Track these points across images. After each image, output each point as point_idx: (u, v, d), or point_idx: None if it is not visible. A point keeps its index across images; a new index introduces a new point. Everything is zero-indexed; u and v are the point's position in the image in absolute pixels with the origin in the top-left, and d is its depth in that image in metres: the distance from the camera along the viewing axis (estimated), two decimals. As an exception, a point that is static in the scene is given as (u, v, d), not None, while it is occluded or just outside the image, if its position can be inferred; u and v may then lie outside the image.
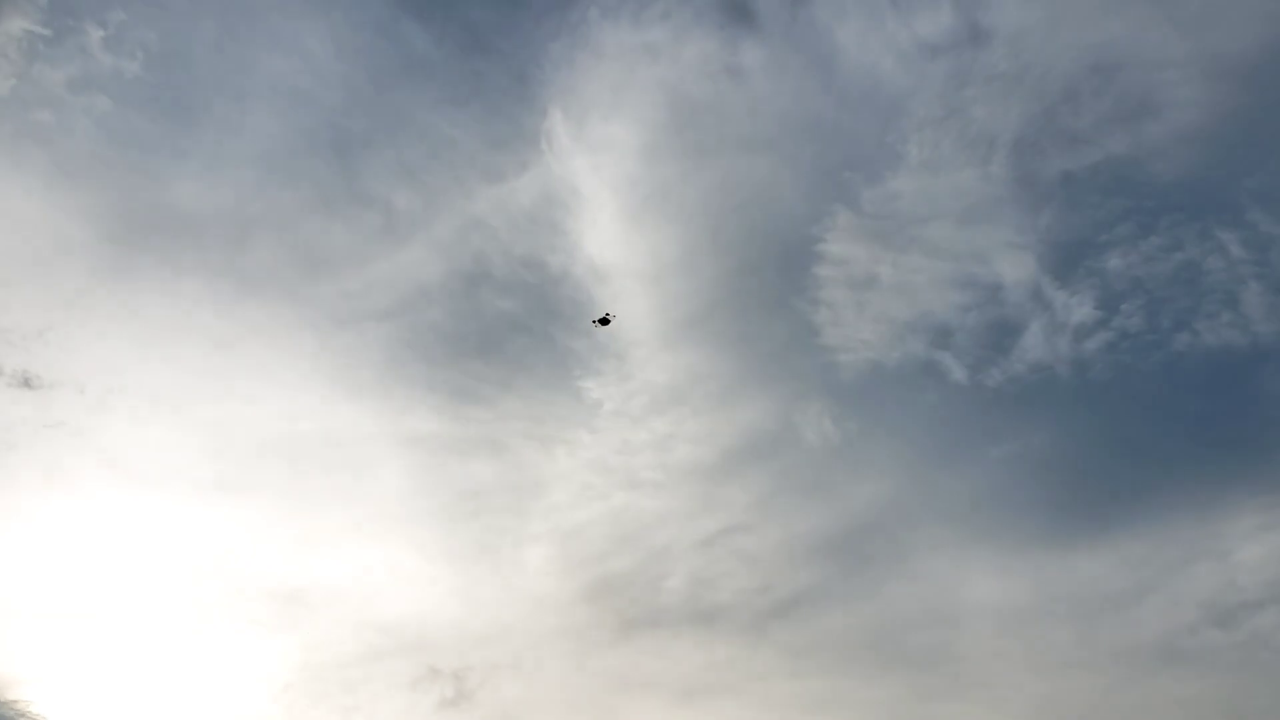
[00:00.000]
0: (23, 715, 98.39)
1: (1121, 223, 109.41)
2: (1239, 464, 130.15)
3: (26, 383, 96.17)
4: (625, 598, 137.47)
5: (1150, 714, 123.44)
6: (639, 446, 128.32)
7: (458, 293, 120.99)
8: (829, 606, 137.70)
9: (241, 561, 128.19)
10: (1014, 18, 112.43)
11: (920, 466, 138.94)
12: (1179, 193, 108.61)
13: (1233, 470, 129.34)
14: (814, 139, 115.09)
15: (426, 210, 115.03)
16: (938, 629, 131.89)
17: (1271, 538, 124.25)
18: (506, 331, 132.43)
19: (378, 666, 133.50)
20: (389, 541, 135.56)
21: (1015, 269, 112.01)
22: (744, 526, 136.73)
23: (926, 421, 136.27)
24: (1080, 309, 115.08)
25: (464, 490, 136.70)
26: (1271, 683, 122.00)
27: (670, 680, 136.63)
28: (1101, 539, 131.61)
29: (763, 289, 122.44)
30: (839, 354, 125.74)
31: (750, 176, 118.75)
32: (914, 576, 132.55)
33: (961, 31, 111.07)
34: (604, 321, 41.57)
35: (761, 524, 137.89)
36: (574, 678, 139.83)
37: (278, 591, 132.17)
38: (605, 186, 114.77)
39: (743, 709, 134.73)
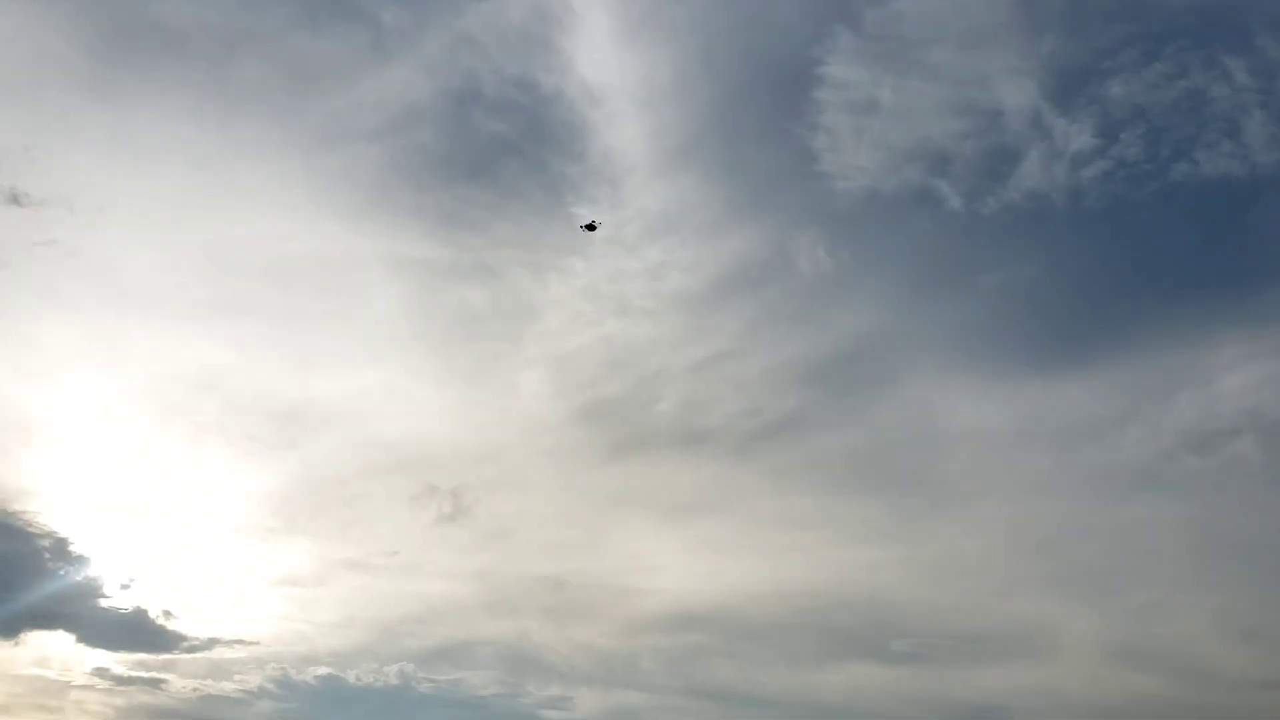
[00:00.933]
0: (30, 526, 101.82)
1: (1126, 49, 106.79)
2: (1228, 295, 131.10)
3: (15, 200, 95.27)
4: (616, 420, 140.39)
5: (1124, 537, 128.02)
6: (631, 274, 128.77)
7: (447, 113, 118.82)
8: (816, 430, 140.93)
9: (238, 381, 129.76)
10: None
11: (911, 295, 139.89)
12: (1186, 17, 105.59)
13: (1221, 301, 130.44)
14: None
15: (415, 26, 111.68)
16: (921, 452, 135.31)
17: (1254, 367, 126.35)
18: (498, 154, 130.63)
19: (376, 483, 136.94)
20: (384, 364, 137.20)
21: (1016, 95, 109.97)
22: (734, 353, 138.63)
23: (920, 250, 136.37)
24: (1079, 137, 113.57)
25: (457, 315, 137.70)
26: (1242, 508, 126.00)
27: (659, 499, 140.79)
28: (1086, 367, 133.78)
29: (759, 114, 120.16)
30: (835, 181, 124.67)
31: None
32: (900, 402, 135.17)
33: None
34: (590, 228, 42.36)
35: (752, 350, 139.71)
36: (566, 495, 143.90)
37: (275, 410, 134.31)
38: (599, 2, 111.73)
39: (729, 526, 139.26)
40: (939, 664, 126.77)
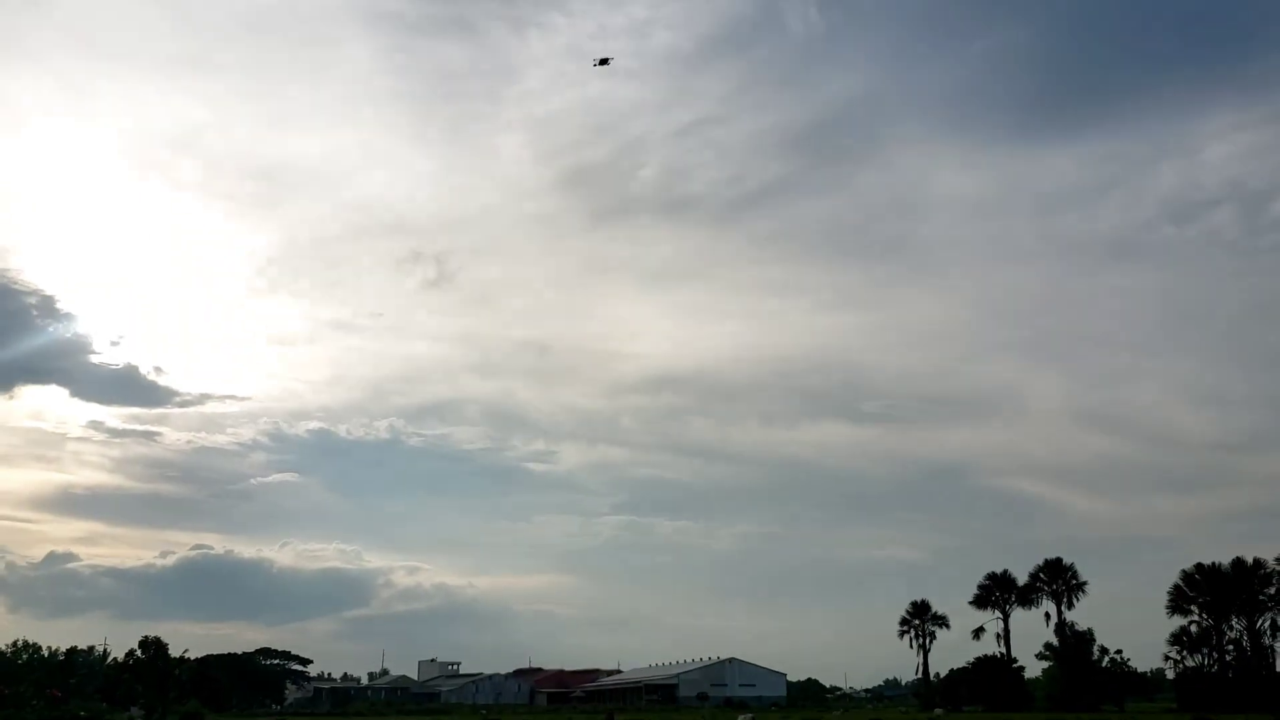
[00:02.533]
0: (15, 283, 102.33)
1: None
2: (1223, 62, 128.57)
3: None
4: (599, 187, 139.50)
5: (1097, 305, 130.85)
6: (615, 31, 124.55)
7: None
8: (798, 197, 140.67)
9: (213, 139, 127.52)
10: None
11: (902, 59, 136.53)
12: None
13: (1215, 69, 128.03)
14: None
15: None
16: (902, 220, 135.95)
17: (1241, 137, 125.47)
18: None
19: (358, 246, 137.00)
20: (360, 123, 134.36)
21: None
22: (719, 118, 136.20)
23: (913, 12, 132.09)
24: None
25: (434, 72, 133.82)
26: (1217, 277, 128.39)
27: (641, 265, 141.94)
28: (1072, 136, 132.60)
29: None
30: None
31: None
32: (883, 169, 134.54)
33: None
34: (604, 62, 40.60)
35: (737, 115, 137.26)
36: (549, 261, 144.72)
37: (253, 169, 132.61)
38: None
39: (709, 292, 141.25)
40: (907, 424, 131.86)
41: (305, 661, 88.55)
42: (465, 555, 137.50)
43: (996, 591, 55.05)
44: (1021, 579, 54.49)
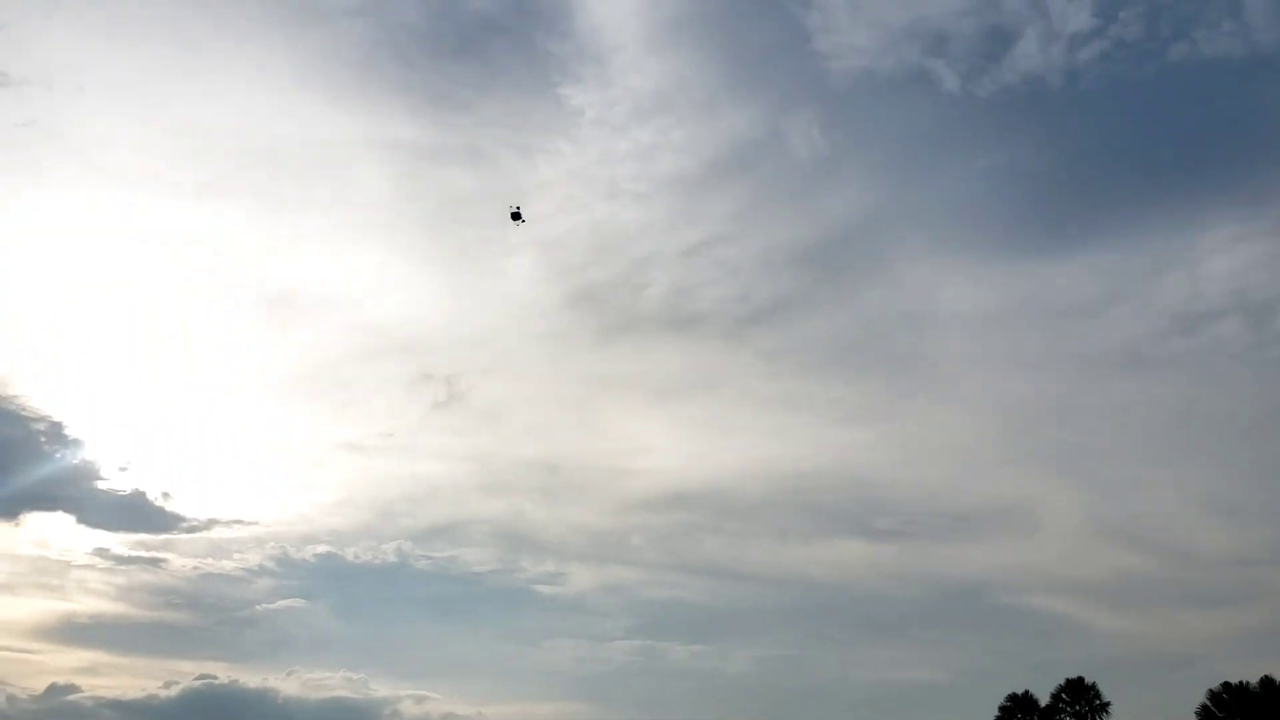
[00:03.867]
0: (24, 410, 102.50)
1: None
2: (1221, 176, 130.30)
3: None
4: (607, 305, 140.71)
5: (1109, 416, 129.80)
6: (621, 156, 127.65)
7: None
8: (807, 313, 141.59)
9: (226, 264, 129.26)
10: None
11: (905, 177, 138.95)
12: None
13: (1214, 183, 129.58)
14: None
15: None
16: (911, 333, 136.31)
17: (1242, 249, 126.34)
18: (484, 33, 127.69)
19: (371, 367, 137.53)
20: (374, 248, 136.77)
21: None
22: (725, 237, 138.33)
23: (915, 131, 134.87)
24: (1078, 16, 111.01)
25: (446, 198, 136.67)
26: (1227, 387, 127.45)
27: (650, 381, 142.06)
28: (1076, 249, 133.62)
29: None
30: (830, 61, 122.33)
31: None
32: (891, 284, 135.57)
33: None
34: (516, 216, 42.14)
35: (743, 234, 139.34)
36: (557, 380, 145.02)
37: (267, 295, 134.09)
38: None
39: (719, 408, 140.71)
40: (923, 541, 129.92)
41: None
42: (474, 682, 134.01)
43: (1018, 713, 53.47)
44: (1044, 699, 53.06)
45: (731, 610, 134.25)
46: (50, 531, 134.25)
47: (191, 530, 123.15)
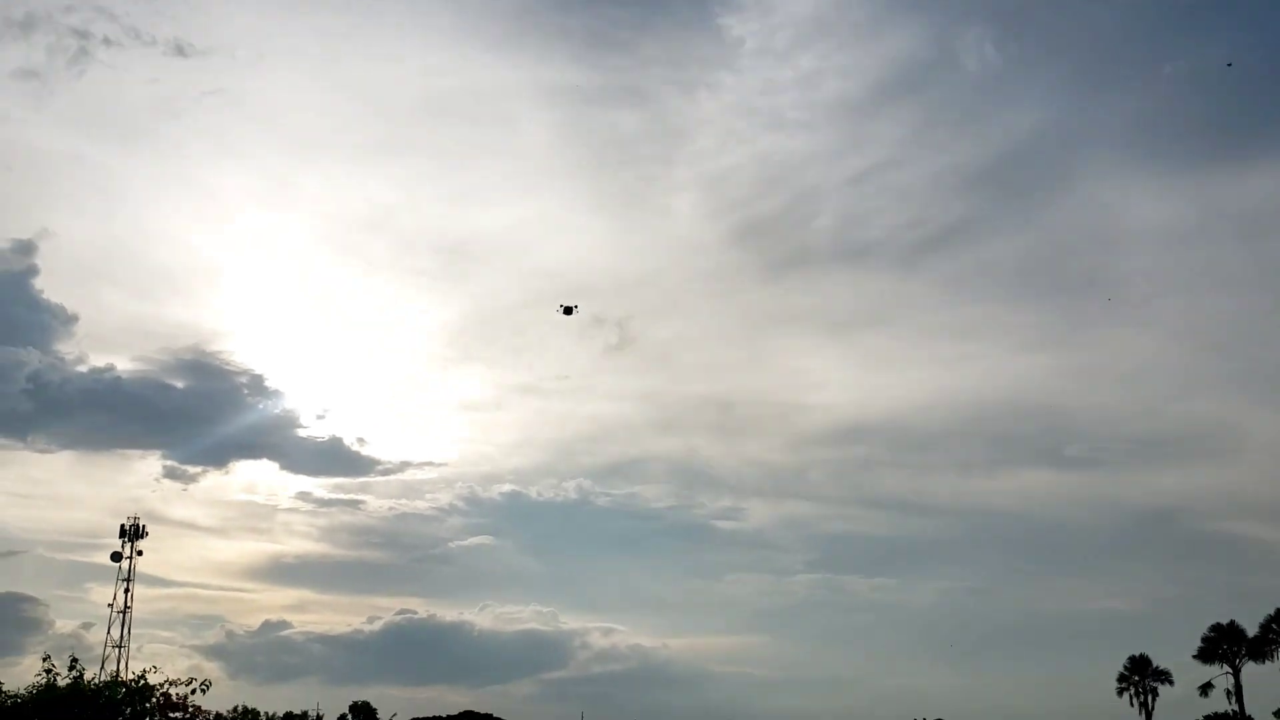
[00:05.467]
0: (228, 365, 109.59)
1: None
2: None
3: (180, 50, 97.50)
4: (774, 239, 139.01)
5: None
6: (784, 85, 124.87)
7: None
8: (983, 237, 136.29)
9: (404, 219, 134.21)
10: None
11: (1085, 88, 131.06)
12: None
13: None
14: None
15: None
16: (1095, 254, 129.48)
17: None
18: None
19: (542, 312, 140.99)
20: (540, 194, 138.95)
21: None
22: (895, 162, 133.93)
23: (1095, 37, 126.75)
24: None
25: (608, 140, 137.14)
26: None
27: (821, 315, 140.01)
28: (1275, 153, 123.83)
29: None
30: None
31: None
32: (1073, 202, 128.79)
33: None
34: (568, 311, 41.31)
35: (914, 158, 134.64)
36: (727, 317, 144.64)
37: (441, 245, 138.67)
38: None
39: (894, 339, 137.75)
40: (1114, 468, 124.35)
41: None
42: (658, 615, 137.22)
43: (1224, 644, 51.07)
44: (1251, 629, 50.46)
45: (913, 543, 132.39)
46: (256, 478, 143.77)
47: (386, 473, 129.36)
